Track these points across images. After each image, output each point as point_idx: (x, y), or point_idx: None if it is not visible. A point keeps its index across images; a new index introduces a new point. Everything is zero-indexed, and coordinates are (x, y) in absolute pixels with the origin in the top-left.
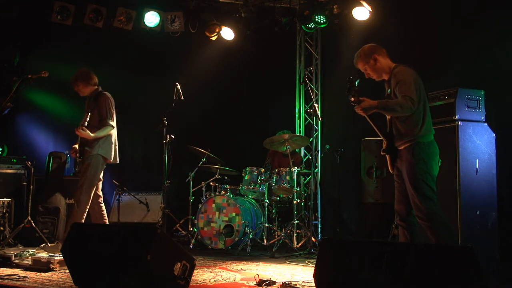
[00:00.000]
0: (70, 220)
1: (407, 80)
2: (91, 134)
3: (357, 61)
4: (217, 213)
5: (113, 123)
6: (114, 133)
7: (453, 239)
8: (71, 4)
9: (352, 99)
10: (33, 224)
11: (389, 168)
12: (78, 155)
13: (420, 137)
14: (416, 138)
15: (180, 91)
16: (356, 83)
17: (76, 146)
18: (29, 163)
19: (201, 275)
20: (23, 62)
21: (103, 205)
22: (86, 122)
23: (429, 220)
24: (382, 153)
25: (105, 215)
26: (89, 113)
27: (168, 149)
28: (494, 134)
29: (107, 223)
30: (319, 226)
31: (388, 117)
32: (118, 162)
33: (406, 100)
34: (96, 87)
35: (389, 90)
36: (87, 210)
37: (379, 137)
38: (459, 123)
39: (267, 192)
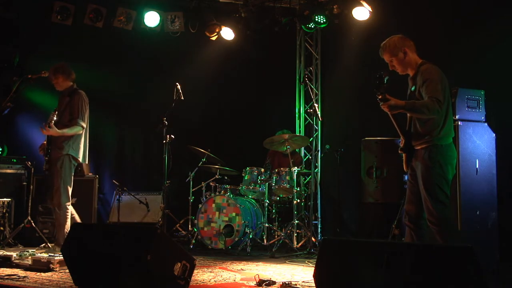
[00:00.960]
0: (57, 224)
1: (434, 80)
2: (58, 131)
3: (384, 52)
4: (217, 213)
5: (84, 124)
6: (84, 133)
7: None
8: (71, 4)
9: (380, 96)
10: (33, 224)
11: (404, 166)
12: (45, 153)
13: (439, 139)
14: (434, 140)
15: (180, 91)
16: (385, 80)
17: (45, 142)
18: (29, 163)
19: (201, 275)
20: (23, 62)
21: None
22: (53, 121)
23: (440, 224)
24: (399, 151)
25: (74, 212)
26: (55, 113)
27: (168, 149)
28: (494, 134)
29: (78, 219)
30: (319, 226)
31: (409, 115)
32: (86, 162)
33: (433, 102)
34: (73, 83)
35: (414, 87)
36: (70, 210)
37: (379, 137)
38: (459, 123)
39: (267, 192)
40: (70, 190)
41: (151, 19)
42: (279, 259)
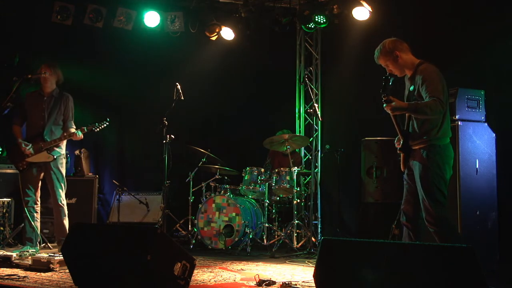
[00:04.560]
0: (59, 222)
1: (434, 80)
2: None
3: (378, 57)
4: (217, 213)
5: None
6: None
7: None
8: (71, 4)
9: (384, 98)
10: None
11: (401, 166)
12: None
13: (437, 140)
14: (432, 140)
15: (180, 91)
16: (391, 81)
17: (21, 142)
18: None
19: (201, 275)
20: (23, 62)
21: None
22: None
23: (438, 225)
24: (398, 151)
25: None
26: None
27: (168, 149)
28: (494, 134)
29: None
30: (319, 226)
31: (407, 115)
32: None
33: (435, 102)
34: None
35: (412, 87)
36: None
37: (379, 137)
38: (459, 123)
39: (267, 192)
40: None
41: (151, 19)
42: (279, 259)
